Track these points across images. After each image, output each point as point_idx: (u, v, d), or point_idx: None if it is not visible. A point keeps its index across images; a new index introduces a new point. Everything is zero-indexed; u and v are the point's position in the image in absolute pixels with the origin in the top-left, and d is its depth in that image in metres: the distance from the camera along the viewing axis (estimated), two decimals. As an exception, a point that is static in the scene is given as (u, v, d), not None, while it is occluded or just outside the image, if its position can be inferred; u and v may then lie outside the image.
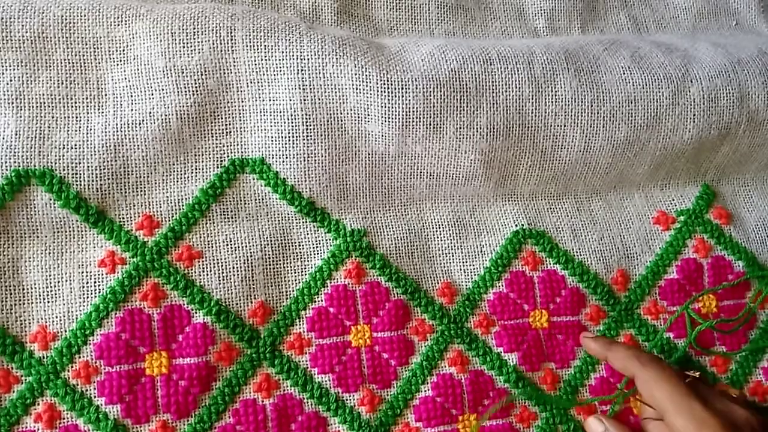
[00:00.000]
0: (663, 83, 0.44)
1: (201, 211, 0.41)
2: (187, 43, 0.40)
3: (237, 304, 0.40)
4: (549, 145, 0.43)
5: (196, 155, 0.41)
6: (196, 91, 0.41)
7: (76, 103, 0.40)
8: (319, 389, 0.40)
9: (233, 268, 0.41)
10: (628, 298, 0.45)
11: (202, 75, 0.40)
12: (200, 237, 0.41)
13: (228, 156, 0.42)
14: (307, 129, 0.41)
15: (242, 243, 0.41)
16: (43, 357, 0.38)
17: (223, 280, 0.41)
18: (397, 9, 0.49)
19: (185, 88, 0.40)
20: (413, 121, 0.41)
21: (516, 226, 0.45)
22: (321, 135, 0.41)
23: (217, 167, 0.42)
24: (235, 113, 0.42)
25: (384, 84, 0.41)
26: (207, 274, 0.40)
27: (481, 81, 0.42)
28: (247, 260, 0.41)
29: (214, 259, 0.41)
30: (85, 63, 0.41)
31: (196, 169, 0.41)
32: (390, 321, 0.42)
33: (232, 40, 0.40)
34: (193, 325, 0.40)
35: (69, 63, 0.40)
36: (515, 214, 0.45)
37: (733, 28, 0.53)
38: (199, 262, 0.41)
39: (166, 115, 0.40)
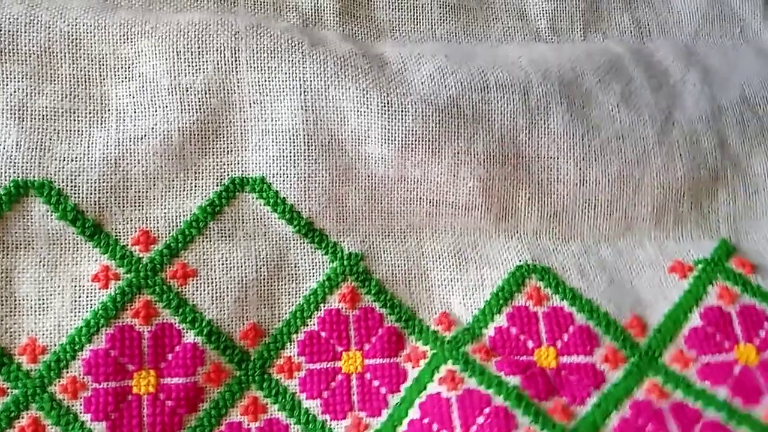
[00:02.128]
0: (648, 123, 0.45)
1: (198, 228, 0.41)
2: (192, 62, 0.41)
3: (229, 325, 0.40)
4: (545, 178, 0.43)
5: (196, 172, 0.41)
6: (200, 109, 0.41)
7: (78, 117, 0.40)
8: (306, 415, 0.40)
9: (227, 288, 0.40)
10: (648, 345, 0.42)
11: (205, 94, 0.41)
12: (196, 255, 0.41)
13: (228, 174, 0.42)
14: (308, 149, 0.41)
15: (238, 263, 0.41)
16: (31, 370, 0.37)
17: (216, 300, 0.40)
18: (400, 9, 0.49)
19: (189, 105, 0.40)
20: (412, 144, 0.42)
21: (520, 261, 0.43)
22: (322, 156, 0.41)
23: (217, 185, 0.42)
24: (237, 133, 0.42)
25: (384, 107, 0.41)
26: (200, 294, 0.40)
27: (478, 109, 0.43)
28: (242, 281, 0.41)
29: (208, 278, 0.40)
30: (89, 79, 0.41)
31: (195, 186, 0.41)
32: (383, 348, 0.41)
33: (236, 60, 0.41)
34: (183, 345, 0.39)
35: (73, 78, 0.41)
36: (519, 250, 0.44)
37: (737, 35, 0.53)
38: (193, 280, 0.40)
39: (168, 132, 0.40)
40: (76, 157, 0.39)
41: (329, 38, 0.45)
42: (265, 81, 0.41)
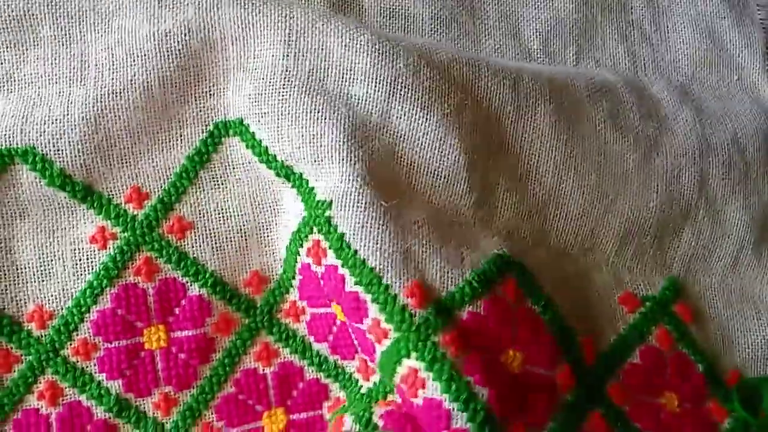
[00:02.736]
0: (632, 146, 0.43)
1: (189, 179, 0.40)
2: (173, 7, 0.39)
3: (232, 274, 0.40)
4: (524, 173, 0.41)
5: (180, 121, 0.40)
6: (179, 53, 0.39)
7: (59, 78, 0.39)
8: (318, 356, 0.40)
9: (226, 237, 0.40)
10: (595, 372, 0.39)
11: (185, 36, 0.39)
12: (191, 207, 0.40)
13: (212, 119, 0.40)
14: (284, 86, 0.38)
15: (234, 211, 0.40)
16: (42, 336, 0.38)
17: (217, 250, 0.40)
18: (391, 17, 0.47)
19: (168, 51, 0.39)
20: (401, 90, 0.38)
21: (498, 250, 0.38)
22: (299, 92, 0.38)
23: (203, 132, 0.40)
24: (219, 73, 0.40)
25: (375, 45, 0.38)
26: (200, 246, 0.40)
27: (469, 80, 0.40)
28: (240, 229, 0.40)
29: (206, 230, 0.40)
30: (70, 38, 0.40)
31: (181, 136, 0.40)
32: (349, 314, 0.36)
33: None
34: (189, 298, 0.39)
35: (55, 39, 0.40)
36: (495, 241, 0.39)
37: (734, 82, 0.50)
38: (191, 233, 0.40)
39: (147, 82, 0.39)
40: (55, 120, 0.38)
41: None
42: (248, 15, 0.39)
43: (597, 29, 0.49)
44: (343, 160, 0.37)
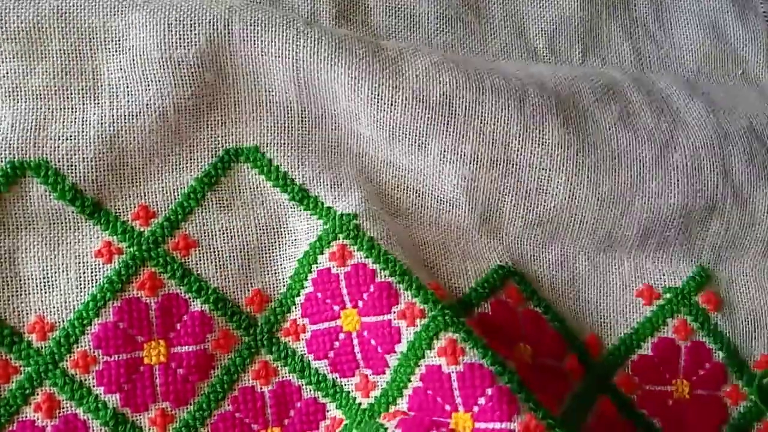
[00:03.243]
0: (646, 145, 0.43)
1: (197, 200, 0.41)
2: (184, 35, 0.41)
3: (234, 292, 0.41)
4: (534, 188, 0.43)
5: (191, 146, 0.42)
6: (194, 83, 0.41)
7: (71, 94, 0.40)
8: (316, 375, 0.40)
9: (230, 256, 0.41)
10: (601, 365, 0.43)
11: (199, 67, 0.41)
12: (196, 226, 0.41)
13: (222, 146, 0.42)
14: (302, 120, 0.42)
15: (238, 231, 0.41)
16: (42, 347, 0.37)
17: (220, 268, 0.41)
18: (396, 17, 0.49)
19: (182, 79, 0.41)
20: (400, 135, 0.42)
21: (500, 262, 0.43)
22: (315, 126, 0.42)
23: (212, 157, 0.42)
24: (231, 105, 0.42)
25: (375, 97, 0.41)
26: (204, 263, 0.41)
27: (471, 109, 0.42)
28: (243, 248, 0.41)
29: (210, 248, 0.41)
30: (80, 53, 0.41)
31: (191, 159, 0.42)
32: (374, 305, 0.39)
33: (229, 33, 0.41)
34: (190, 314, 0.40)
35: (64, 54, 0.41)
36: (500, 252, 0.43)
37: (738, 76, 0.52)
38: (195, 251, 0.41)
39: (163, 107, 0.40)
40: (70, 136, 0.39)
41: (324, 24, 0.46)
42: (259, 55, 0.41)
43: (602, 27, 0.50)
44: (359, 187, 0.42)
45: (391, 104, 0.41)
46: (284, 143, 0.42)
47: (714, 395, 0.43)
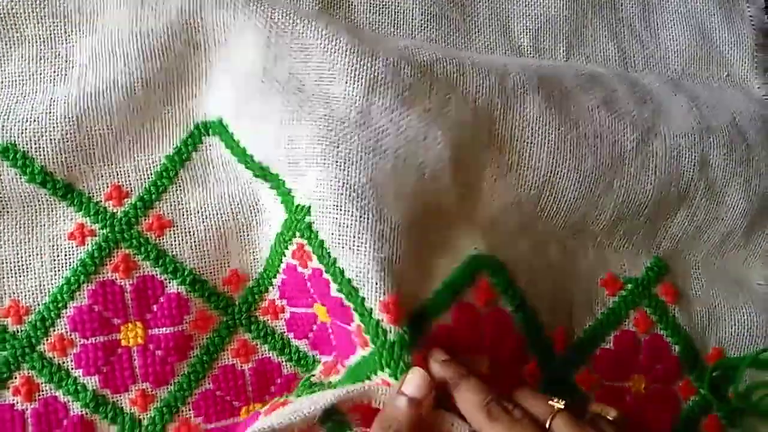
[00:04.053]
0: (628, 129, 0.42)
1: (170, 178, 0.40)
2: (156, 7, 0.40)
3: (211, 272, 0.40)
4: (515, 161, 0.40)
5: (163, 122, 0.41)
6: (162, 55, 0.40)
7: (44, 78, 0.40)
8: (297, 352, 0.40)
9: (205, 236, 0.40)
10: (563, 361, 0.41)
11: (169, 38, 0.39)
12: (170, 205, 0.40)
13: (193, 120, 0.41)
14: (262, 87, 0.39)
15: (213, 210, 0.40)
16: (18, 331, 0.38)
17: (196, 248, 0.40)
18: (380, 13, 0.48)
19: (151, 53, 0.39)
20: (381, 87, 0.37)
21: (475, 249, 0.38)
22: (276, 93, 0.39)
23: (184, 133, 0.41)
24: (202, 75, 0.41)
25: (355, 46, 0.38)
26: (179, 244, 0.40)
27: (453, 78, 0.40)
28: (220, 228, 0.40)
29: (185, 228, 0.40)
30: (55, 38, 0.41)
31: (163, 136, 0.41)
32: (335, 311, 0.37)
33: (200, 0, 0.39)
34: (167, 295, 0.39)
35: (39, 39, 0.40)
36: (474, 237, 0.39)
37: (723, 78, 0.50)
38: (170, 231, 0.40)
39: (130, 83, 0.39)
40: (37, 118, 0.39)
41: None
42: (230, 17, 0.40)
43: (587, 26, 0.50)
44: (317, 163, 0.36)
45: (373, 54, 0.38)
46: (242, 114, 0.40)
47: (668, 389, 0.42)
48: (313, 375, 0.38)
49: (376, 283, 0.34)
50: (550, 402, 0.34)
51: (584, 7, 0.50)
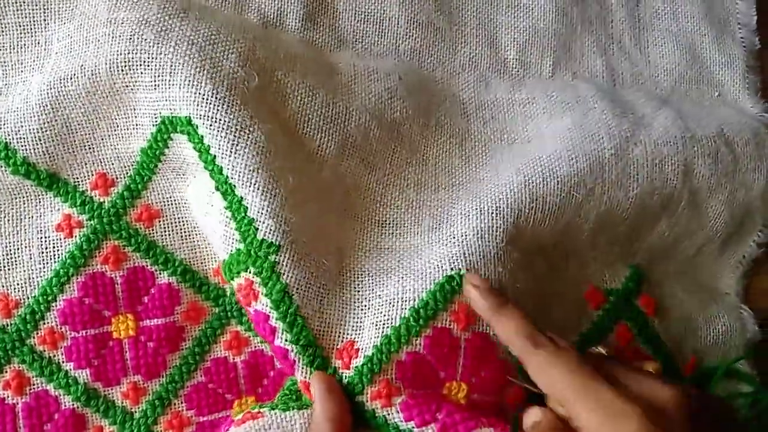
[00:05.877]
0: (605, 139, 0.40)
1: (150, 169, 0.39)
2: None
3: (201, 262, 0.39)
4: (487, 177, 0.41)
5: (134, 109, 0.39)
6: (129, 39, 0.37)
7: (25, 67, 0.39)
8: None
9: (195, 226, 0.39)
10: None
11: (140, 25, 0.37)
12: (158, 195, 0.39)
13: (159, 112, 0.38)
14: (244, 96, 0.36)
15: (200, 200, 0.39)
16: (7, 325, 0.37)
17: (186, 238, 0.39)
18: (365, 21, 0.46)
19: (120, 37, 0.37)
20: (350, 151, 0.40)
21: (452, 269, 0.35)
22: (258, 116, 0.36)
23: (153, 125, 0.39)
24: (166, 66, 0.37)
25: (328, 106, 0.39)
26: (169, 234, 0.39)
27: (416, 142, 0.42)
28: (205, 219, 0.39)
29: (174, 218, 0.39)
30: (35, 25, 0.40)
31: (136, 125, 0.39)
32: (278, 357, 0.37)
33: None
34: (158, 286, 0.39)
35: (20, 26, 0.40)
36: (451, 257, 0.36)
37: (714, 98, 0.48)
38: (159, 221, 0.39)
39: (96, 66, 0.37)
40: (17, 108, 0.38)
41: (283, 37, 0.42)
42: (210, 22, 0.38)
43: (576, 41, 0.48)
44: (291, 207, 0.36)
45: (346, 115, 0.40)
46: (216, 119, 0.36)
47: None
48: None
49: (340, 329, 0.36)
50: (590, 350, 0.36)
51: (574, 21, 0.48)
